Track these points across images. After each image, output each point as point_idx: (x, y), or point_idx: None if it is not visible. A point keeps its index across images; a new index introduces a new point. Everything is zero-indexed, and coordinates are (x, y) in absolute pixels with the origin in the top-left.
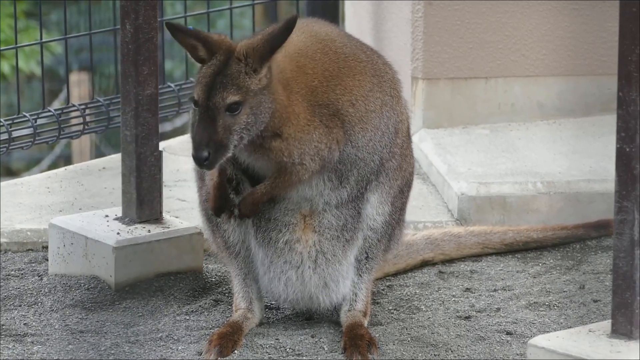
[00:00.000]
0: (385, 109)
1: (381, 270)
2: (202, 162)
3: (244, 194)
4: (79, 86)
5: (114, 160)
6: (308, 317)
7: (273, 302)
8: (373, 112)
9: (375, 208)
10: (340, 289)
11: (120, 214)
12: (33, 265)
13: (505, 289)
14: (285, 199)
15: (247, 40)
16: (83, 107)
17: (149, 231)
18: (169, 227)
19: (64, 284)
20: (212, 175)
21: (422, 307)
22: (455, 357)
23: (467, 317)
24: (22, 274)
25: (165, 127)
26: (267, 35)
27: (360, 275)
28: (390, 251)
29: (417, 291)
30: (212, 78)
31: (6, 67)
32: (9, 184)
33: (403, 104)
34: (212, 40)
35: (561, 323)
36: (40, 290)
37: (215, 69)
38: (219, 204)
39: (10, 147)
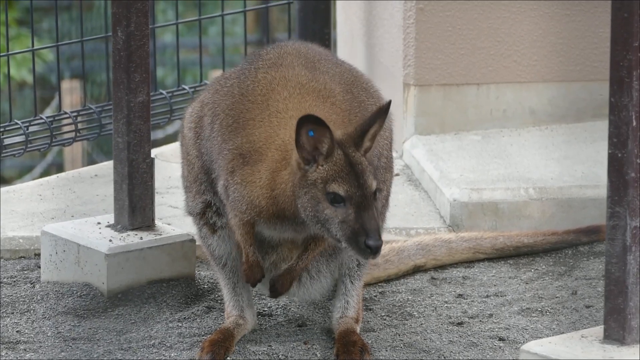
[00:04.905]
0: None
1: (371, 275)
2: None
3: (280, 271)
4: (70, 94)
5: (106, 167)
6: (301, 324)
7: (265, 309)
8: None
9: None
10: (324, 293)
11: (112, 221)
12: (25, 272)
13: (497, 295)
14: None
15: (343, 131)
16: (75, 114)
17: (141, 238)
18: (161, 234)
19: (56, 291)
20: (246, 252)
21: (415, 313)
22: None
23: (460, 323)
24: (14, 281)
25: (157, 134)
26: (361, 123)
27: (352, 282)
28: None
29: (410, 297)
30: (351, 169)
31: None
32: (1, 191)
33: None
34: (333, 134)
35: (554, 329)
36: (33, 298)
37: (348, 160)
38: (259, 278)
39: (3, 155)
